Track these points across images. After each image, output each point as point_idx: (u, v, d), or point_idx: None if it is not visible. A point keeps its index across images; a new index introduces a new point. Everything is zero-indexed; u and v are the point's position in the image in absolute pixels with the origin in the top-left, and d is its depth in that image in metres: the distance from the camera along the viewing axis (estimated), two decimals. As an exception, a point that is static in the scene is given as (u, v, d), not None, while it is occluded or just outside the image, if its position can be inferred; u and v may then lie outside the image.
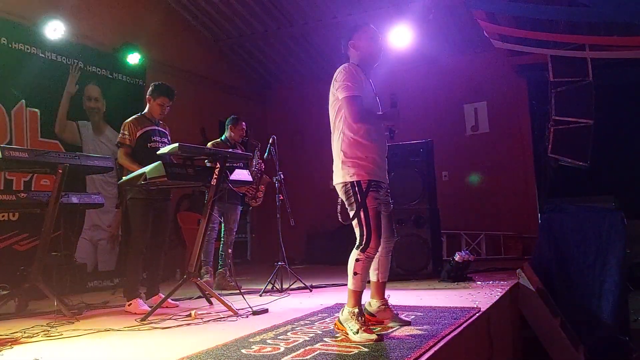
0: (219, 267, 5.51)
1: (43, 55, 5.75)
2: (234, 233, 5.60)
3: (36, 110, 5.66)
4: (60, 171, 4.20)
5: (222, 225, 5.49)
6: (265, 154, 5.26)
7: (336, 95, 2.95)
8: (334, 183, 2.99)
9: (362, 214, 2.81)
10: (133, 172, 4.02)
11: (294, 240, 8.22)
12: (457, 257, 5.38)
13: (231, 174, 4.19)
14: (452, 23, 7.19)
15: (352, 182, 2.88)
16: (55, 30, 5.64)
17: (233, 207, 5.47)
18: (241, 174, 4.30)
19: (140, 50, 6.73)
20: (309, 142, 9.31)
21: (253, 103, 9.82)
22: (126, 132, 4.27)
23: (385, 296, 3.11)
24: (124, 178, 4.06)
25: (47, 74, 5.79)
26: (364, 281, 2.80)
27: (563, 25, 6.36)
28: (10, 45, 5.43)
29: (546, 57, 6.59)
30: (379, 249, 2.91)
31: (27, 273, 4.24)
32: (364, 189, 2.84)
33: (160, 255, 4.46)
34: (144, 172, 3.75)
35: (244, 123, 5.73)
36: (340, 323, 2.80)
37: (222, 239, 5.49)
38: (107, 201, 5.79)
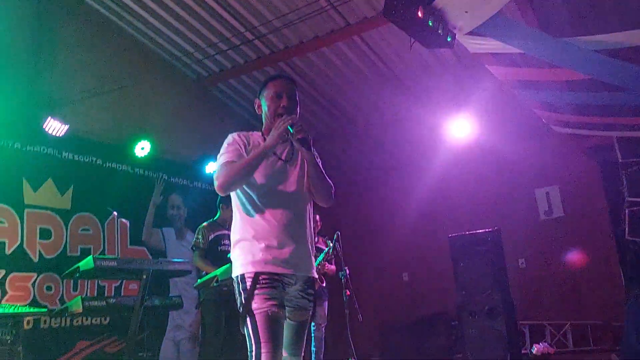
0: None
1: (132, 172, 6.44)
2: (323, 329, 5.62)
3: (126, 220, 6.25)
4: (145, 277, 4.60)
5: None
6: (330, 250, 5.44)
7: None
8: None
9: (248, 320, 2.13)
10: (207, 273, 4.36)
11: (368, 334, 8.17)
12: (534, 350, 5.19)
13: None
14: (511, 111, 7.32)
15: (235, 278, 2.24)
16: (142, 148, 6.34)
17: (319, 303, 5.53)
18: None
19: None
20: (377, 232, 9.37)
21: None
22: (200, 237, 4.67)
23: None
24: (199, 281, 4.39)
25: (136, 188, 6.44)
26: None
27: (627, 108, 6.31)
28: (104, 165, 6.16)
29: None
30: None
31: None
32: (248, 287, 2.15)
33: (236, 354, 4.67)
34: (216, 275, 4.07)
35: (317, 216, 5.80)
36: None
37: (312, 335, 5.53)
38: (189, 302, 6.12)
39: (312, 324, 5.44)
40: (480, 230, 6.08)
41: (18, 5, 5.64)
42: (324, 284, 5.29)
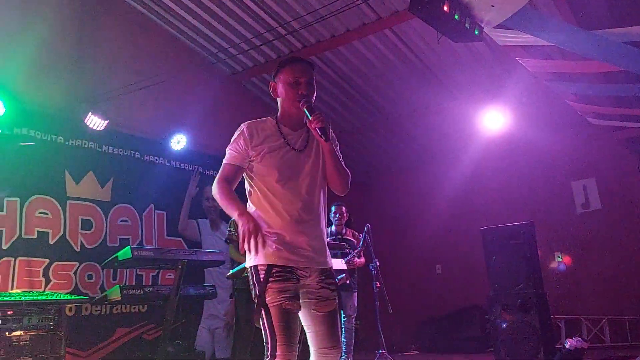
0: (343, 354, 5.61)
1: (169, 164, 6.64)
2: (353, 320, 5.67)
3: (163, 212, 6.46)
4: (180, 266, 4.78)
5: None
6: (361, 242, 5.46)
7: None
8: None
9: (262, 313, 2.17)
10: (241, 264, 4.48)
11: (402, 326, 8.20)
12: (567, 345, 5.14)
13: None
14: (546, 103, 7.20)
15: (250, 269, 2.26)
16: (179, 142, 6.52)
17: (348, 295, 5.58)
18: (335, 263, 4.57)
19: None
20: (410, 224, 9.32)
21: (353, 192, 10.14)
22: (232, 229, 4.80)
23: None
24: (231, 271, 4.53)
25: (172, 180, 6.64)
26: None
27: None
28: (142, 158, 6.37)
29: (653, 129, 6.37)
30: None
31: (153, 360, 4.76)
32: (262, 279, 2.17)
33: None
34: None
35: (343, 208, 5.76)
36: None
37: (342, 326, 5.58)
38: (223, 291, 6.30)
39: (343, 315, 5.51)
40: (513, 224, 6.04)
41: (61, 3, 5.87)
42: (348, 281, 5.36)
